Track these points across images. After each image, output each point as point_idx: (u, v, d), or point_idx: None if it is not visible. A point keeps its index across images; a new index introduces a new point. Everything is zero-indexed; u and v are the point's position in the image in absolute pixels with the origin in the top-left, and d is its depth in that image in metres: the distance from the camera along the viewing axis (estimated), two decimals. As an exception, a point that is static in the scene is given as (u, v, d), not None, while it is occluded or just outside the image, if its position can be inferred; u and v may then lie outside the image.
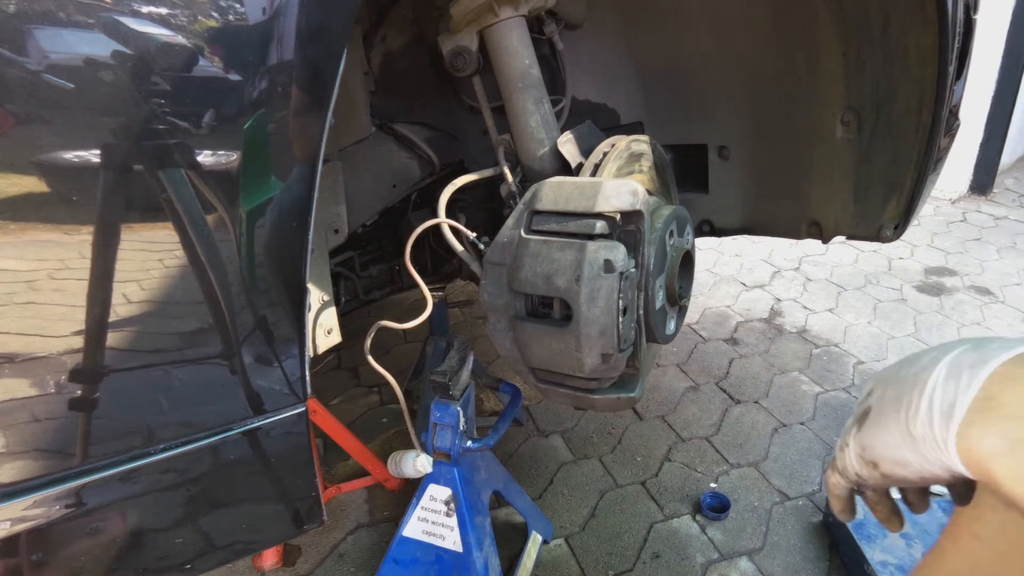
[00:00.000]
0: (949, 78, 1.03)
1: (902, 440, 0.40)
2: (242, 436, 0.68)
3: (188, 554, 0.70)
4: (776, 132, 1.29)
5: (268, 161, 0.60)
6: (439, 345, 1.60)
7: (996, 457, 0.34)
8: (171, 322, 0.60)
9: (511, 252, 0.82)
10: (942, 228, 3.33)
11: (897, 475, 0.43)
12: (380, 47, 1.15)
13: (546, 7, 1.02)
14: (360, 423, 1.86)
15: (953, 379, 0.37)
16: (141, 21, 0.50)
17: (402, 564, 1.12)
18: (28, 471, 0.58)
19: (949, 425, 0.37)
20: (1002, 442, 0.34)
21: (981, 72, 3.39)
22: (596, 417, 1.85)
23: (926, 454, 0.39)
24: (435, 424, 1.07)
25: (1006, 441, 0.34)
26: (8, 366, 0.54)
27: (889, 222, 1.23)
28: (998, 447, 0.34)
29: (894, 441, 0.41)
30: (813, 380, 2.02)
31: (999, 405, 0.35)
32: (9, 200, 0.50)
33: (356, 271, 1.40)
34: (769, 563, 1.35)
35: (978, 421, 0.35)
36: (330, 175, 1.06)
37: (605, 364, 0.79)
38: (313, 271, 0.85)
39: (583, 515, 1.50)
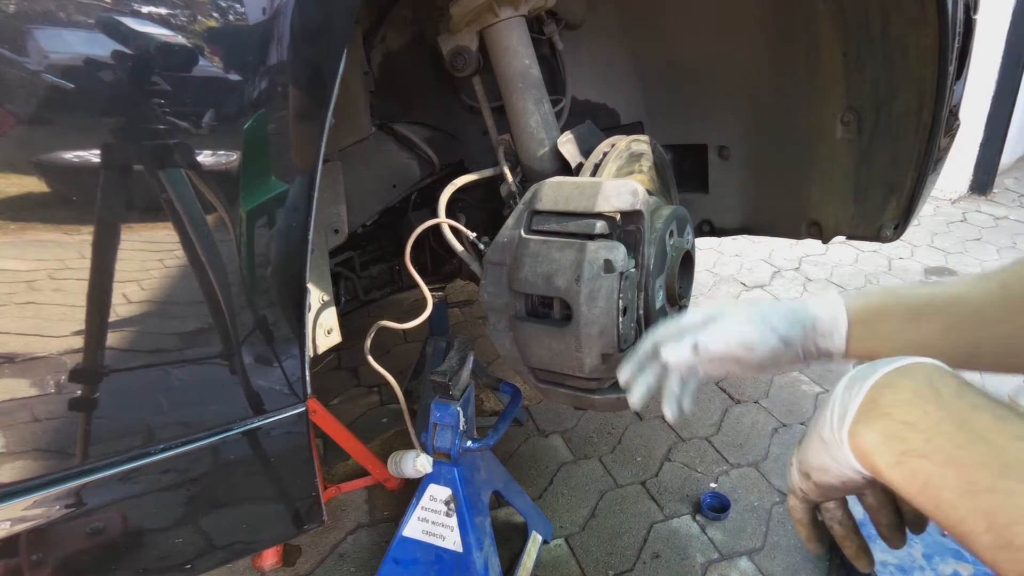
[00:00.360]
0: (949, 78, 1.03)
1: (820, 446, 0.47)
2: (242, 436, 0.68)
3: (188, 554, 0.70)
4: (776, 132, 1.28)
5: (268, 161, 0.60)
6: (439, 345, 1.60)
7: (875, 449, 0.42)
8: (171, 322, 0.60)
9: (511, 252, 0.82)
10: (942, 228, 3.33)
11: (824, 482, 0.49)
12: (380, 47, 1.15)
13: (546, 7, 1.02)
14: (360, 423, 1.86)
15: (848, 390, 0.45)
16: (141, 21, 0.50)
17: (402, 564, 1.12)
18: (28, 471, 0.58)
19: (843, 427, 0.44)
20: (879, 437, 0.41)
21: (981, 72, 3.39)
22: (596, 417, 1.85)
23: (835, 456, 0.45)
24: (435, 424, 1.07)
25: (882, 436, 0.41)
26: (8, 366, 0.54)
27: (889, 222, 1.23)
28: (876, 441, 0.42)
29: (815, 448, 0.48)
30: (813, 380, 2.02)
31: (878, 407, 0.42)
32: (9, 200, 0.50)
33: (356, 271, 1.40)
34: (769, 563, 1.35)
35: (862, 421, 0.43)
36: (330, 175, 1.06)
37: (605, 364, 0.79)
38: (313, 271, 0.85)
39: (583, 515, 1.50)
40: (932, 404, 0.40)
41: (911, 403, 0.41)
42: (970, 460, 0.37)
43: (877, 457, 0.41)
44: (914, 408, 0.41)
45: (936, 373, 0.43)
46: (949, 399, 0.40)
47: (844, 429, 0.44)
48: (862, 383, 0.44)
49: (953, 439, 0.38)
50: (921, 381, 0.42)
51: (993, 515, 0.35)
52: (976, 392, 0.41)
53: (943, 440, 0.38)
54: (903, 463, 0.40)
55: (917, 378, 0.43)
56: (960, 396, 0.40)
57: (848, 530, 0.53)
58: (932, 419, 0.39)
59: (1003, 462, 0.36)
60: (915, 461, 0.39)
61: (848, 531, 0.53)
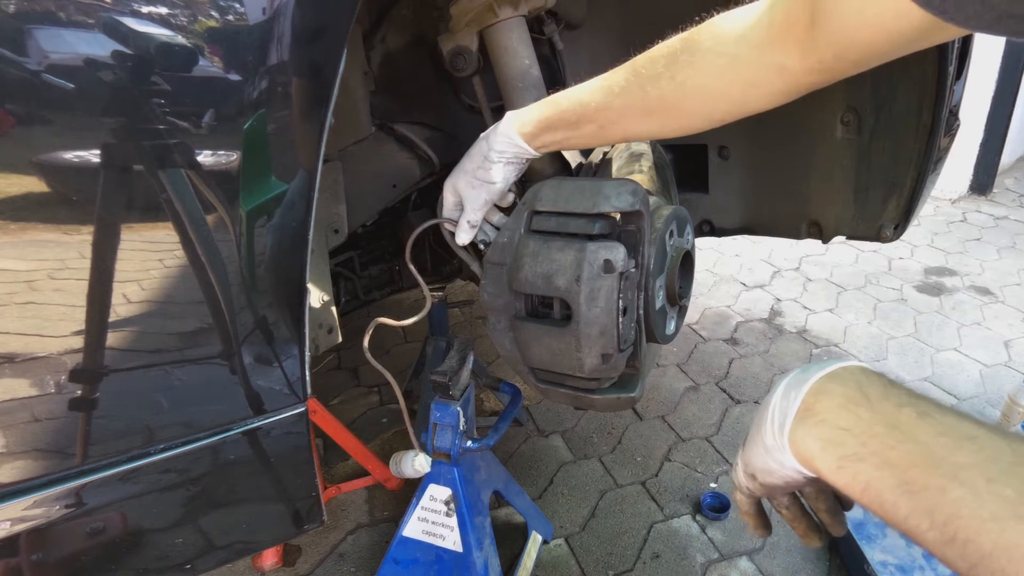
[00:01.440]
0: (949, 78, 1.03)
1: (763, 451, 0.49)
2: (242, 436, 0.68)
3: (188, 554, 0.70)
4: (776, 132, 1.28)
5: (268, 161, 0.60)
6: (439, 345, 1.60)
7: (816, 455, 0.44)
8: (171, 322, 0.60)
9: (511, 252, 0.82)
10: (942, 228, 3.33)
11: (769, 483, 0.51)
12: (380, 47, 1.15)
13: (546, 7, 1.02)
14: (360, 423, 1.86)
15: (785, 397, 0.48)
16: (141, 21, 0.50)
17: (402, 564, 1.12)
18: (28, 471, 0.58)
19: (784, 433, 0.47)
20: (818, 442, 0.44)
21: (981, 72, 3.39)
22: (596, 417, 1.85)
23: (779, 459, 0.48)
24: (435, 424, 1.07)
25: (821, 441, 0.44)
26: (8, 366, 0.54)
27: (889, 222, 1.23)
28: (815, 447, 0.44)
29: (759, 452, 0.50)
30: (813, 380, 2.02)
31: (814, 413, 0.45)
32: (9, 200, 0.50)
33: (356, 271, 1.40)
34: (769, 563, 1.35)
35: (801, 428, 0.46)
36: (330, 175, 1.06)
37: (605, 364, 0.79)
38: (313, 271, 0.85)
39: (583, 515, 1.50)
40: (863, 407, 0.43)
41: (844, 408, 0.44)
42: (903, 460, 0.39)
43: (819, 463, 0.44)
44: (847, 413, 0.43)
45: (863, 376, 0.45)
46: (877, 401, 0.43)
47: (784, 436, 0.47)
48: (798, 390, 0.47)
49: (885, 441, 0.40)
50: (851, 385, 0.45)
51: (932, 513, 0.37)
52: (899, 391, 0.43)
53: (877, 443, 0.41)
54: (844, 467, 0.42)
55: (847, 383, 0.45)
56: (887, 397, 0.43)
57: (796, 514, 0.56)
58: (865, 422, 0.42)
59: (931, 460, 0.38)
60: (854, 465, 0.41)
61: (796, 515, 0.56)
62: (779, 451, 0.47)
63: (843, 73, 0.57)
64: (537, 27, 1.11)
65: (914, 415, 0.40)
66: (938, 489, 0.37)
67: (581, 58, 1.26)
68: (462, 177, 0.86)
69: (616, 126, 0.73)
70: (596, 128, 0.74)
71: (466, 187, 0.86)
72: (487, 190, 0.84)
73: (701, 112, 0.68)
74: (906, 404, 0.42)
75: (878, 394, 0.43)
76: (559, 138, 0.78)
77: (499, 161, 0.82)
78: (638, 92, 0.68)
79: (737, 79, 0.63)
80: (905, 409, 0.41)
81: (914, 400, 0.42)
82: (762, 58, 0.60)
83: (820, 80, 0.59)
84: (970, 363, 2.09)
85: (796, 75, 0.59)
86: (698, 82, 0.64)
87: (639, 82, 0.68)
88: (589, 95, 0.73)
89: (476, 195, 0.85)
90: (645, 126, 0.72)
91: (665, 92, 0.67)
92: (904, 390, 0.43)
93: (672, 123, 0.71)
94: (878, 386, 0.44)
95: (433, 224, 0.94)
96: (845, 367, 0.47)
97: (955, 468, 0.37)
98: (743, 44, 0.60)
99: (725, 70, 0.62)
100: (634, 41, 0.75)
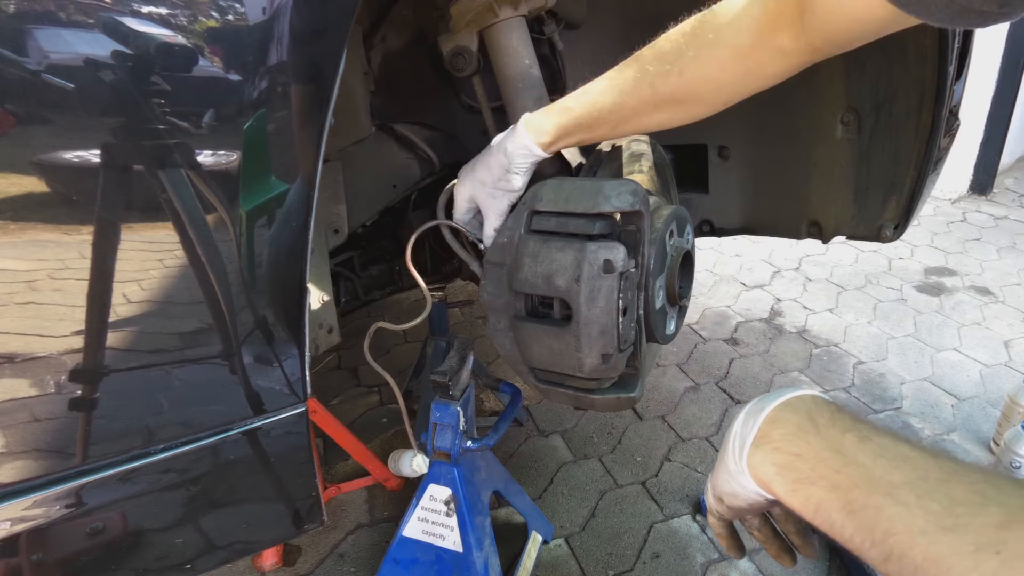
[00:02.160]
0: (949, 78, 1.03)
1: (728, 475, 0.53)
2: (242, 436, 0.68)
3: (188, 554, 0.70)
4: (776, 132, 1.28)
5: (268, 161, 0.60)
6: (439, 345, 1.59)
7: (772, 480, 0.48)
8: (171, 322, 0.60)
9: (511, 252, 0.82)
10: (942, 228, 3.33)
11: (736, 505, 0.54)
12: (380, 47, 1.15)
13: (546, 7, 1.02)
14: (360, 423, 1.86)
15: (745, 425, 0.52)
16: (141, 21, 0.50)
17: (402, 564, 1.12)
18: (28, 471, 0.58)
19: (743, 459, 0.50)
20: (773, 467, 0.48)
21: (981, 72, 3.39)
22: (596, 417, 1.85)
23: (742, 483, 0.51)
24: (435, 424, 1.07)
25: (776, 467, 0.48)
26: (8, 366, 0.54)
27: (889, 222, 1.23)
28: (771, 471, 0.48)
29: (724, 477, 0.53)
30: (813, 380, 2.02)
31: (770, 441, 0.49)
32: (9, 200, 0.50)
33: (356, 271, 1.40)
34: (769, 563, 1.35)
35: (758, 453, 0.49)
36: (330, 175, 1.06)
37: (605, 364, 0.79)
38: (313, 271, 0.85)
39: (583, 515, 1.50)
40: (812, 435, 0.47)
41: (796, 435, 0.47)
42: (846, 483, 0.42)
43: (775, 486, 0.48)
44: (799, 440, 0.47)
45: (813, 404, 0.49)
46: (825, 428, 0.46)
47: (743, 461, 0.50)
48: (755, 418, 0.51)
49: (831, 464, 0.44)
50: (802, 414, 0.49)
51: (872, 530, 0.39)
52: (847, 417, 0.47)
53: (824, 467, 0.44)
54: (797, 490, 0.45)
55: (799, 411, 0.49)
56: (833, 424, 0.46)
57: (767, 535, 0.58)
58: (814, 449, 0.45)
59: (870, 480, 0.41)
60: (806, 488, 0.45)
61: (767, 536, 0.58)
62: (741, 475, 0.51)
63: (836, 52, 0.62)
64: (537, 27, 1.11)
65: (856, 439, 0.44)
66: (876, 508, 0.39)
67: (581, 58, 1.26)
68: (480, 189, 0.87)
69: (628, 123, 0.77)
70: (609, 128, 0.78)
71: (487, 198, 0.87)
72: (510, 198, 0.86)
73: (708, 100, 0.72)
74: (849, 429, 0.45)
75: (826, 421, 0.47)
76: (574, 142, 0.81)
77: (519, 172, 0.84)
78: (648, 89, 0.71)
79: (740, 68, 0.66)
80: (848, 434, 0.45)
81: (857, 425, 0.45)
82: (761, 44, 0.63)
83: (815, 59, 0.64)
84: (970, 363, 2.09)
85: (792, 56, 0.63)
86: (704, 74, 0.68)
87: (648, 79, 0.71)
88: (601, 97, 0.75)
89: (497, 204, 0.87)
90: (656, 119, 0.76)
91: (674, 87, 0.70)
92: (849, 416, 0.47)
93: (681, 113, 0.75)
94: (826, 413, 0.48)
95: (433, 225, 0.94)
96: (799, 396, 0.51)
97: (890, 487, 0.39)
98: (743, 33, 0.64)
99: (728, 61, 0.66)
100: (634, 41, 0.75)
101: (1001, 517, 0.35)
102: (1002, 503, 0.35)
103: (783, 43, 0.62)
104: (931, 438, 1.74)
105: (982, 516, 0.35)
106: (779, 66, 0.66)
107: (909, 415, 1.84)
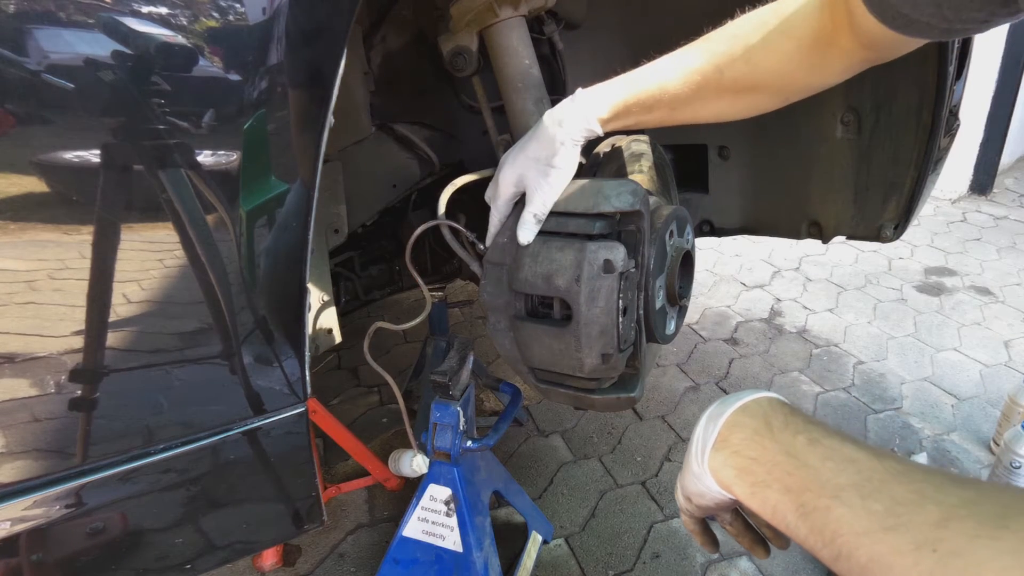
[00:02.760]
0: (949, 78, 1.02)
1: (693, 477, 0.54)
2: (242, 436, 0.68)
3: (188, 554, 0.70)
4: (776, 132, 1.28)
5: (268, 161, 0.60)
6: (439, 345, 1.59)
7: (732, 482, 0.49)
8: (171, 322, 0.60)
9: (511, 252, 0.82)
10: (942, 228, 3.33)
11: (703, 504, 0.56)
12: (380, 47, 1.15)
13: (546, 7, 1.02)
14: (360, 423, 1.86)
15: (705, 429, 0.53)
16: (141, 21, 0.50)
17: (402, 564, 1.12)
18: (28, 471, 0.58)
19: (704, 461, 0.52)
20: (733, 471, 0.49)
21: (981, 72, 3.39)
22: (596, 417, 1.85)
23: (706, 484, 0.52)
24: (435, 424, 1.07)
25: (735, 470, 0.49)
26: (8, 366, 0.54)
27: (889, 222, 1.23)
28: (732, 475, 0.49)
29: (690, 478, 0.55)
30: (813, 380, 2.02)
31: (729, 445, 0.51)
32: (9, 200, 0.50)
33: (356, 271, 1.40)
34: (769, 563, 1.35)
35: (719, 457, 0.51)
36: (330, 175, 1.06)
37: (605, 364, 0.79)
38: (313, 271, 0.85)
39: (583, 515, 1.50)
40: (767, 438, 0.48)
41: (752, 439, 0.49)
42: (798, 485, 0.44)
43: (735, 488, 0.49)
44: (755, 444, 0.49)
45: (769, 408, 0.51)
46: (779, 431, 0.48)
47: (705, 463, 0.52)
48: (715, 423, 0.52)
49: (784, 468, 0.45)
50: (759, 418, 0.50)
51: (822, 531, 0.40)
52: (799, 420, 0.48)
53: (779, 471, 0.46)
54: (755, 493, 0.47)
55: (756, 415, 0.51)
56: (786, 427, 0.48)
57: (739, 529, 0.59)
58: (769, 453, 0.47)
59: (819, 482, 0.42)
60: (763, 491, 0.46)
61: (739, 530, 0.59)
62: (704, 477, 0.52)
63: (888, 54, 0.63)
64: (537, 27, 1.11)
65: (806, 442, 0.46)
66: (824, 509, 0.41)
67: (581, 58, 1.26)
68: (532, 166, 0.78)
69: (688, 107, 0.73)
70: (668, 111, 0.74)
71: (537, 176, 0.78)
72: (561, 177, 0.78)
73: (773, 91, 0.71)
74: (801, 431, 0.47)
75: (780, 424, 0.49)
76: (630, 122, 0.77)
77: (575, 147, 0.77)
78: (714, 74, 0.69)
79: (805, 61, 0.66)
80: (799, 436, 0.46)
81: (808, 427, 0.47)
82: (823, 39, 0.63)
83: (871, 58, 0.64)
84: (970, 363, 2.09)
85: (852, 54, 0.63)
86: (770, 64, 0.67)
87: (716, 63, 0.69)
88: (667, 75, 0.72)
89: (548, 184, 0.78)
90: (715, 107, 0.73)
91: (739, 74, 0.69)
92: (801, 419, 0.49)
93: (742, 103, 0.73)
94: (780, 417, 0.49)
95: (433, 225, 0.94)
96: (756, 399, 0.52)
97: (837, 489, 0.41)
98: (807, 26, 0.64)
99: (793, 53, 0.66)
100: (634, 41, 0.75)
101: (938, 515, 0.36)
102: (939, 501, 0.36)
103: (843, 40, 0.62)
104: (931, 438, 1.74)
105: (921, 515, 0.36)
106: (841, 63, 0.65)
107: (909, 415, 1.84)
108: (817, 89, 0.70)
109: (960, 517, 0.35)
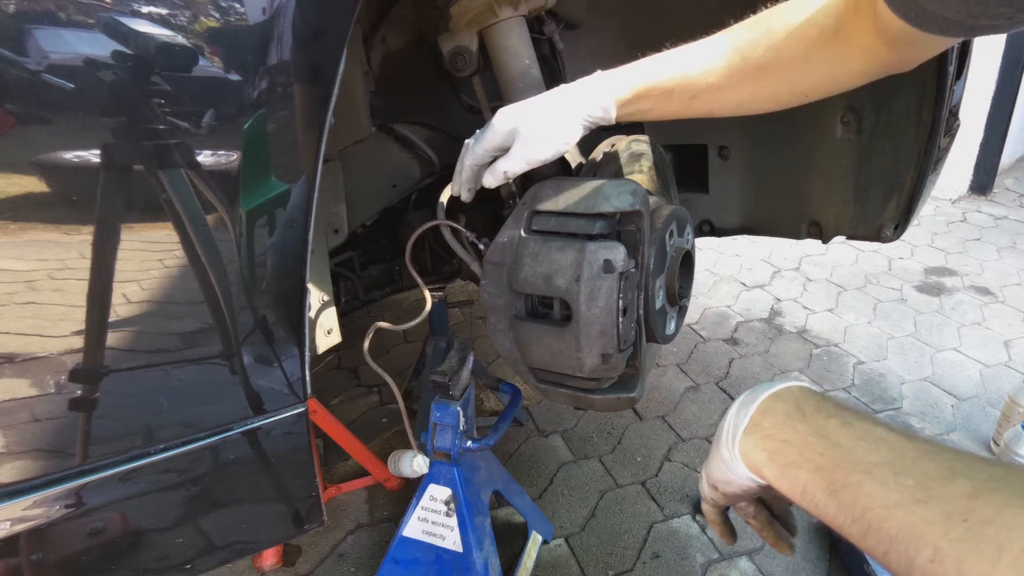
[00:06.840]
0: (949, 78, 1.02)
1: (722, 463, 0.55)
2: (242, 436, 0.68)
3: (188, 554, 0.70)
4: (776, 132, 1.28)
5: (268, 161, 0.60)
6: (439, 345, 1.59)
7: (763, 464, 0.50)
8: (171, 322, 0.60)
9: (511, 252, 0.82)
10: (942, 228, 3.33)
11: (730, 492, 0.57)
12: (380, 47, 1.15)
13: (546, 7, 1.02)
14: (360, 423, 1.86)
15: (737, 414, 0.54)
16: (141, 21, 0.50)
17: (402, 564, 1.12)
18: (28, 471, 0.58)
19: (735, 446, 0.53)
20: (764, 453, 0.50)
21: (981, 72, 3.39)
22: (596, 417, 1.85)
23: (735, 470, 0.53)
24: (435, 424, 1.07)
25: (766, 452, 0.50)
26: (8, 366, 0.54)
27: (889, 222, 1.23)
28: (762, 458, 0.50)
29: (718, 464, 0.56)
30: (813, 380, 2.02)
31: (761, 429, 0.52)
32: (9, 200, 0.50)
33: (356, 271, 1.40)
34: (769, 563, 1.35)
35: (750, 441, 0.52)
36: (330, 175, 1.06)
37: (605, 364, 0.79)
38: (313, 271, 0.85)
39: (583, 515, 1.50)
40: (799, 422, 0.49)
41: (784, 423, 0.50)
42: (830, 464, 0.45)
43: (765, 471, 0.50)
44: (787, 427, 0.50)
45: (801, 394, 0.52)
46: (811, 415, 0.49)
47: (736, 448, 0.53)
48: (747, 408, 0.54)
49: (816, 448, 0.46)
50: (791, 403, 0.51)
51: (852, 507, 0.41)
52: (831, 405, 0.50)
53: (810, 451, 0.47)
54: (785, 474, 0.48)
55: (788, 400, 0.52)
56: (818, 411, 0.49)
57: (763, 523, 0.60)
58: (801, 435, 0.48)
59: (851, 460, 0.43)
60: (794, 471, 0.47)
61: (763, 524, 0.60)
62: (733, 462, 0.53)
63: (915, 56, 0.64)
64: (537, 27, 1.11)
65: (839, 424, 0.47)
66: (856, 485, 0.42)
67: (581, 58, 1.26)
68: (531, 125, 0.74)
69: (707, 96, 0.72)
70: (688, 99, 0.72)
71: (529, 136, 0.74)
72: (552, 148, 0.75)
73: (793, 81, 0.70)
74: (833, 415, 0.48)
75: (812, 409, 0.50)
76: (646, 107, 0.74)
77: (581, 125, 0.75)
78: (737, 58, 0.69)
79: (826, 51, 0.65)
80: (832, 420, 0.48)
81: (840, 411, 0.48)
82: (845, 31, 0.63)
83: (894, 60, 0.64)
84: (970, 363, 2.09)
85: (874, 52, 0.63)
86: (792, 51, 0.67)
87: (739, 48, 0.69)
88: (688, 62, 0.71)
89: (542, 148, 0.74)
90: (735, 97, 0.72)
91: (761, 59, 0.68)
92: (833, 404, 0.50)
93: (762, 94, 0.71)
94: (812, 402, 0.51)
95: (433, 225, 0.94)
96: (788, 387, 0.54)
97: (869, 466, 0.42)
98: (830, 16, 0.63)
99: (816, 39, 0.65)
100: (634, 40, 0.75)
101: (969, 488, 0.37)
102: (970, 476, 0.37)
103: (865, 38, 0.62)
104: (931, 438, 1.74)
105: (952, 488, 0.37)
106: (861, 62, 0.65)
107: (909, 415, 1.84)
108: (834, 87, 0.69)
109: (991, 490, 0.36)
